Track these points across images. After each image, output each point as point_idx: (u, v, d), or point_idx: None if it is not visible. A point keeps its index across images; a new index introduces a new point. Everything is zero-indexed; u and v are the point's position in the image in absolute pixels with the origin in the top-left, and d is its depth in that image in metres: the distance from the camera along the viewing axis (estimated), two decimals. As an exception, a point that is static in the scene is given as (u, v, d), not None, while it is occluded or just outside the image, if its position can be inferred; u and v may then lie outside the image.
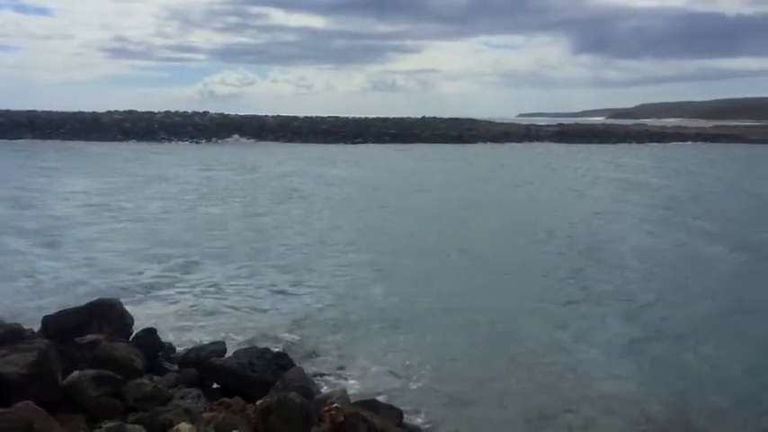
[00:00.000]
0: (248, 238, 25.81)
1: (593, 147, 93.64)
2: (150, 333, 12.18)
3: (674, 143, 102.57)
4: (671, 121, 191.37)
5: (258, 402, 8.56)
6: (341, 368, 13.18)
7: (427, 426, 10.72)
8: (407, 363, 13.46)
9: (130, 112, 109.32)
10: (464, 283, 19.93)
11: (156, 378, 10.60)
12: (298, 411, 7.67)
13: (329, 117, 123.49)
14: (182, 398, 9.83)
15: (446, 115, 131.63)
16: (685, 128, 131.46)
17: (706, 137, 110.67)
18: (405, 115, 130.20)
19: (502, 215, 32.63)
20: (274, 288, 18.88)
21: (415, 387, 12.32)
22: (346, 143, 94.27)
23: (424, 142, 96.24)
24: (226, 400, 9.10)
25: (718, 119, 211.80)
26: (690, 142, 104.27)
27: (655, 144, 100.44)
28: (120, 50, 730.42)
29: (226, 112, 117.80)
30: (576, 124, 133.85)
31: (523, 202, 37.64)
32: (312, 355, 13.77)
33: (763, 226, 29.82)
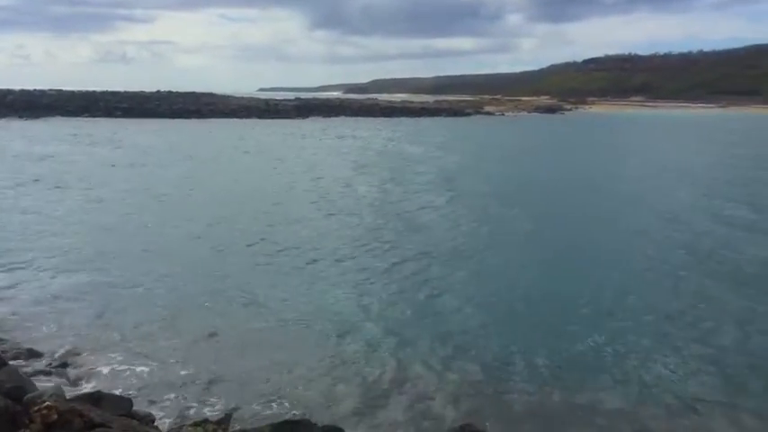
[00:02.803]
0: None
1: (333, 120, 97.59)
2: None
3: (403, 117, 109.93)
4: (400, 96, 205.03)
5: (-44, 412, 7.67)
6: (65, 363, 12.23)
7: (159, 411, 10.47)
8: (140, 350, 12.94)
9: None
10: (184, 257, 19.61)
11: None
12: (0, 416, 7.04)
13: (51, 90, 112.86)
14: None
15: (184, 89, 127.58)
16: (412, 102, 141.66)
17: (430, 111, 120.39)
18: (138, 89, 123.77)
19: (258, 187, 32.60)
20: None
21: (147, 374, 11.90)
22: (71, 117, 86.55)
23: (160, 117, 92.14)
24: None
25: (439, 94, 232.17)
26: (416, 117, 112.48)
27: (385, 118, 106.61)
28: None
29: None
30: (315, 99, 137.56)
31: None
32: (30, 352, 12.61)
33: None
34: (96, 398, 9.11)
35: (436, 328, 14.13)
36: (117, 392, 10.68)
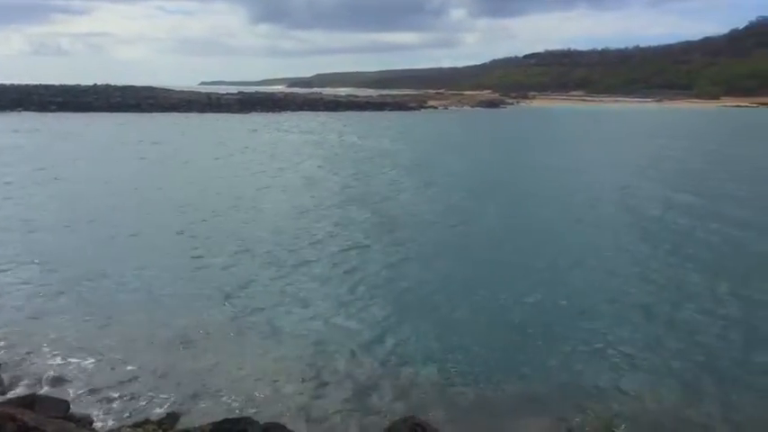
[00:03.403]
0: None
1: (277, 114, 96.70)
2: None
3: (348, 111, 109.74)
4: (344, 90, 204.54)
5: None
6: (-2, 366, 11.82)
7: (100, 412, 10.17)
8: (80, 349, 12.54)
9: None
10: (126, 256, 19.08)
11: None
12: (-74, 423, 6.71)
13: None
14: None
15: (122, 83, 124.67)
16: (357, 97, 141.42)
17: (375, 105, 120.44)
18: (74, 82, 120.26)
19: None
20: None
21: (88, 374, 11.54)
22: (3, 112, 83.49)
23: (97, 111, 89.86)
24: None
25: (383, 88, 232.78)
26: (360, 111, 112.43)
27: (330, 112, 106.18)
28: None
29: None
30: (258, 93, 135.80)
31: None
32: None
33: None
34: (30, 401, 8.79)
35: (383, 323, 14.11)
36: (54, 394, 10.38)
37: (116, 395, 10.83)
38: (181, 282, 16.77)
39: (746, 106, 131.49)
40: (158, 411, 10.24)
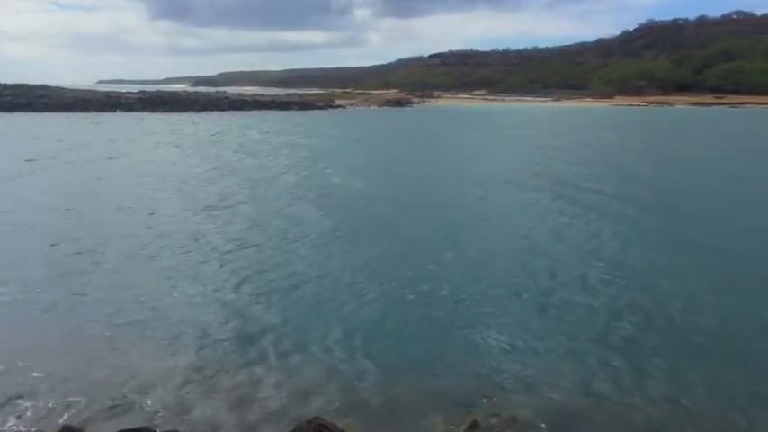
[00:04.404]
0: None
1: (182, 114, 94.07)
2: None
3: (254, 111, 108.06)
4: (250, 89, 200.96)
5: None
6: None
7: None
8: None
9: None
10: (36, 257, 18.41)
11: None
12: None
13: None
14: None
15: (12, 81, 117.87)
16: (263, 96, 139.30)
17: (281, 104, 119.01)
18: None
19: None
20: None
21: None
22: None
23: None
24: None
25: (289, 87, 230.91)
26: (266, 111, 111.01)
27: (236, 111, 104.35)
28: None
29: None
30: (160, 91, 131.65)
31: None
32: None
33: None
34: None
35: (287, 324, 14.22)
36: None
37: (18, 405, 10.58)
38: (93, 287, 16.35)
39: (637, 105, 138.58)
40: (58, 422, 10.04)
